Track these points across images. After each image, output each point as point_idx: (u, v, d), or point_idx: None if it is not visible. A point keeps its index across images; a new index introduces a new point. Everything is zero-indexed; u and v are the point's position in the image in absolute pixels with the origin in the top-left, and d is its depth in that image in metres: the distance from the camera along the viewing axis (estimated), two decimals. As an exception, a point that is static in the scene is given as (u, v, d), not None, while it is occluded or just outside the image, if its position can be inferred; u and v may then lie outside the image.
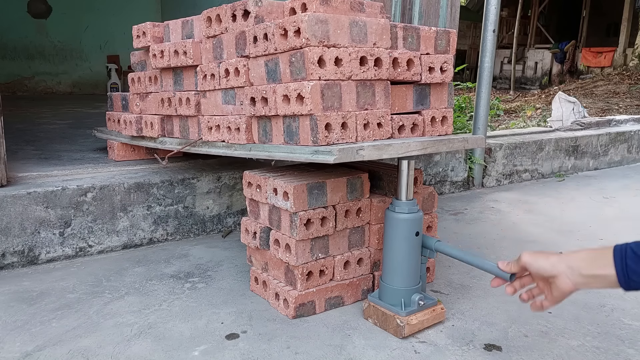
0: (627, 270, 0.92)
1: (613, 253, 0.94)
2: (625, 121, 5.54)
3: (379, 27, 1.69)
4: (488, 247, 2.60)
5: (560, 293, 1.05)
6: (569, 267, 1.01)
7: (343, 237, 1.88)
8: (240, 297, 1.96)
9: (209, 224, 2.68)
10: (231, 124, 1.93)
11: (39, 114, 5.24)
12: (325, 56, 1.57)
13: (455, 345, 1.66)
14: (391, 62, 1.72)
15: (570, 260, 1.02)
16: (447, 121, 1.94)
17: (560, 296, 1.06)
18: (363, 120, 1.67)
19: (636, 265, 0.90)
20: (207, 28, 2.01)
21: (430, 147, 1.71)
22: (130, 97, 2.63)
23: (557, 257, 1.05)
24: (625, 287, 0.93)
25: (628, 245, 0.93)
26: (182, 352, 1.57)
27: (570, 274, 1.01)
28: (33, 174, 2.46)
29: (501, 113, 6.89)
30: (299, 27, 1.56)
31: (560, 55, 16.60)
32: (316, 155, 1.58)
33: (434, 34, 1.86)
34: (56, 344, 1.60)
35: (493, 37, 3.53)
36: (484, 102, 3.64)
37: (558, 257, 1.04)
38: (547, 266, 1.06)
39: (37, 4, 8.23)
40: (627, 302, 2.00)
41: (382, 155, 1.60)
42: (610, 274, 0.94)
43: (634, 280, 0.91)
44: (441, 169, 3.65)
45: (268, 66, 1.73)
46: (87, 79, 8.79)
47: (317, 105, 1.56)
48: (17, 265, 2.19)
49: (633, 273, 0.91)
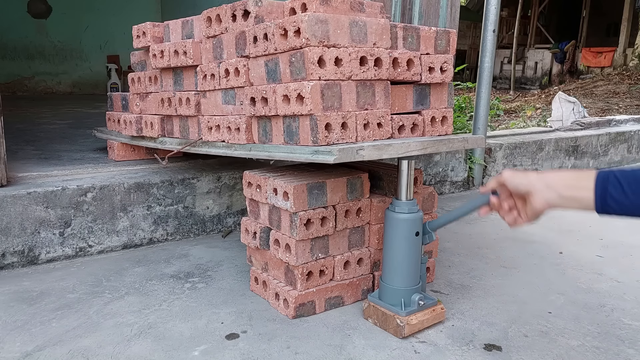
0: (605, 196, 0.93)
1: (596, 177, 0.96)
2: (625, 121, 5.54)
3: (379, 27, 1.69)
4: (488, 247, 2.60)
5: (534, 211, 1.07)
6: (547, 186, 1.02)
7: (343, 237, 1.88)
8: (240, 297, 1.96)
9: (209, 224, 2.68)
10: (231, 124, 1.93)
11: (39, 114, 5.24)
12: (325, 56, 1.57)
13: (455, 345, 1.66)
14: (391, 62, 1.72)
15: (549, 179, 1.03)
16: (447, 121, 1.94)
17: (534, 214, 1.08)
18: (363, 120, 1.67)
19: (616, 192, 0.92)
20: (207, 28, 2.01)
21: (430, 147, 1.71)
22: (130, 97, 2.63)
23: (536, 175, 1.06)
24: (599, 211, 0.95)
25: (612, 171, 0.95)
26: (182, 352, 1.57)
27: (547, 192, 1.02)
28: (33, 174, 2.46)
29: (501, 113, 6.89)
30: (299, 27, 1.56)
31: (560, 55, 16.60)
32: (316, 155, 1.58)
33: (433, 34, 1.86)
34: (56, 344, 1.60)
35: (493, 37, 3.53)
36: (484, 102, 3.64)
37: (537, 176, 1.06)
38: (524, 182, 1.07)
39: (37, 4, 8.23)
40: (627, 302, 2.00)
41: (382, 155, 1.60)
42: (587, 197, 0.96)
43: (610, 206, 0.93)
44: (441, 169, 3.65)
45: (268, 66, 1.73)
46: (87, 79, 8.79)
47: (317, 105, 1.56)
48: (17, 265, 2.19)
49: (611, 199, 0.93)
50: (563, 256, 2.50)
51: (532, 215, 1.09)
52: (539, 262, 2.41)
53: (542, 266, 2.36)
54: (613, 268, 2.35)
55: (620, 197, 0.92)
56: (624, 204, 0.92)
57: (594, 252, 2.55)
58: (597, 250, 2.57)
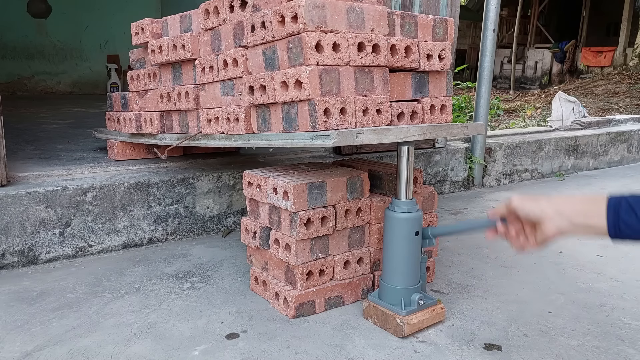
0: (618, 222, 0.92)
1: (607, 203, 0.95)
2: (625, 121, 5.54)
3: (376, 13, 1.68)
4: (488, 247, 2.60)
5: (544, 238, 1.05)
6: (558, 213, 1.01)
7: (343, 237, 1.88)
8: (240, 297, 1.96)
9: (209, 223, 2.68)
10: (230, 115, 1.92)
11: (39, 114, 5.24)
12: (323, 41, 1.56)
13: (455, 344, 1.66)
14: (389, 48, 1.70)
15: (560, 205, 1.02)
16: (446, 109, 1.92)
17: (543, 240, 1.06)
18: (362, 106, 1.65)
19: (629, 217, 0.91)
20: (205, 20, 2.01)
21: (429, 132, 1.69)
22: (129, 95, 2.63)
23: (546, 201, 1.05)
24: (612, 237, 0.94)
25: (624, 197, 0.94)
26: (182, 352, 1.57)
27: (558, 219, 1.01)
28: (33, 173, 2.46)
29: (501, 113, 6.89)
30: (296, 13, 1.56)
31: (560, 55, 16.60)
32: (315, 139, 1.56)
33: (431, 21, 1.85)
34: (56, 344, 1.60)
35: (493, 36, 3.53)
36: (484, 101, 3.64)
37: (547, 202, 1.04)
38: (535, 210, 1.05)
39: (37, 4, 8.23)
40: (627, 302, 2.00)
41: (381, 139, 1.58)
42: (600, 225, 0.95)
43: (624, 232, 0.93)
44: (441, 169, 3.65)
45: (266, 54, 1.73)
46: (87, 79, 8.79)
47: (315, 90, 1.55)
48: (17, 265, 2.19)
49: (624, 225, 0.92)
50: (563, 256, 2.50)
51: (542, 242, 1.07)
52: (539, 262, 2.41)
53: (542, 266, 2.36)
54: (613, 268, 2.35)
55: (633, 222, 0.91)
56: (638, 230, 0.91)
57: (594, 252, 2.55)
58: (597, 250, 2.57)
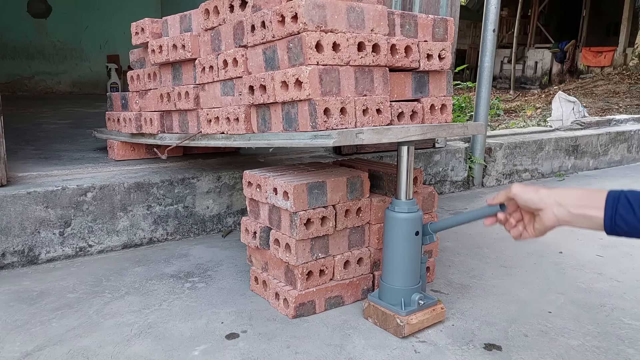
0: (615, 216, 0.93)
1: (606, 197, 0.95)
2: (625, 121, 5.54)
3: (376, 13, 1.68)
4: (488, 246, 2.60)
5: (542, 227, 1.06)
6: (557, 203, 1.02)
7: (343, 237, 1.88)
8: (240, 297, 1.96)
9: (209, 223, 2.68)
10: (230, 115, 1.92)
11: (39, 114, 5.24)
12: (323, 41, 1.57)
13: (455, 344, 1.66)
14: (389, 48, 1.70)
15: (560, 196, 1.03)
16: (446, 109, 1.92)
17: (542, 230, 1.07)
18: (362, 106, 1.65)
19: (627, 213, 0.92)
20: (205, 20, 2.01)
21: (430, 132, 1.69)
22: (129, 95, 2.63)
23: (546, 191, 1.06)
24: (608, 231, 0.95)
25: (623, 192, 0.95)
26: (182, 352, 1.57)
27: (557, 209, 1.02)
28: (33, 173, 2.46)
29: (501, 113, 6.89)
30: (296, 13, 1.56)
31: (560, 55, 16.60)
32: (315, 139, 1.56)
33: (431, 21, 1.85)
34: (56, 344, 1.60)
35: (493, 36, 3.53)
36: (484, 101, 3.64)
37: (547, 191, 1.05)
38: (535, 199, 1.06)
39: (37, 4, 8.23)
40: (627, 302, 2.00)
41: (381, 139, 1.58)
42: (597, 216, 0.96)
43: (620, 226, 0.93)
44: (441, 169, 3.65)
45: (266, 54, 1.73)
46: (87, 79, 8.79)
47: (315, 90, 1.56)
48: (17, 265, 2.19)
49: (621, 220, 0.93)
50: (563, 256, 2.50)
51: (540, 231, 1.08)
52: (539, 262, 2.41)
53: (542, 266, 2.36)
54: (613, 268, 2.35)
55: (630, 218, 0.91)
56: (634, 226, 0.92)
57: (594, 252, 2.55)
58: (597, 250, 2.57)
